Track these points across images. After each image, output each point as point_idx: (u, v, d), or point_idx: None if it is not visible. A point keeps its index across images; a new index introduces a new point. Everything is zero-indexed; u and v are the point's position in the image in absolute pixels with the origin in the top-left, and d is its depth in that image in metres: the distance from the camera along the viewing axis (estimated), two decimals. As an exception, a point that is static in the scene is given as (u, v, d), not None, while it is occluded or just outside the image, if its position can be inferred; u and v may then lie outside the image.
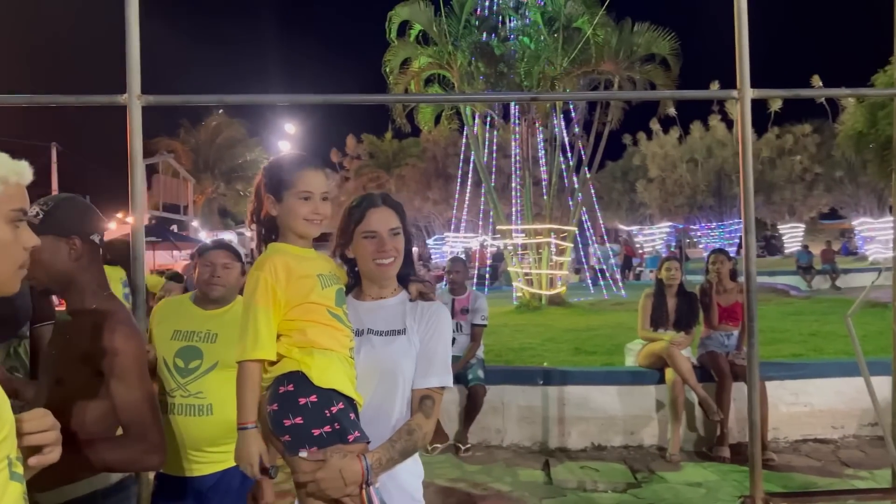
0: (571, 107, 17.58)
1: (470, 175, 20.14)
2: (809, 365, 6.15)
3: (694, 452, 5.51)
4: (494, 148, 20.39)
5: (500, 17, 17.33)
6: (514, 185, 17.97)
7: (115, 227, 20.94)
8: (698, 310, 5.81)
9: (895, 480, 3.07)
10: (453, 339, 5.88)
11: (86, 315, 1.92)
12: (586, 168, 17.44)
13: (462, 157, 21.18)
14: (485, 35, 16.57)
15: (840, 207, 37.39)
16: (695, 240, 38.81)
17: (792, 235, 37.42)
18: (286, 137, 37.48)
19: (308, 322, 1.76)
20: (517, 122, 17.55)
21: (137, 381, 1.86)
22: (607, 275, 19.69)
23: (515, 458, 5.40)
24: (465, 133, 18.66)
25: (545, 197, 17.37)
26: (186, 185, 32.44)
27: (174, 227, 27.28)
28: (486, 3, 17.07)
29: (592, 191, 20.43)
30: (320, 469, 1.70)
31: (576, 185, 17.72)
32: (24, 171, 1.23)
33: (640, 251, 36.05)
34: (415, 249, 2.43)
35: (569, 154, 17.95)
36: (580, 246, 21.54)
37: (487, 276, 21.90)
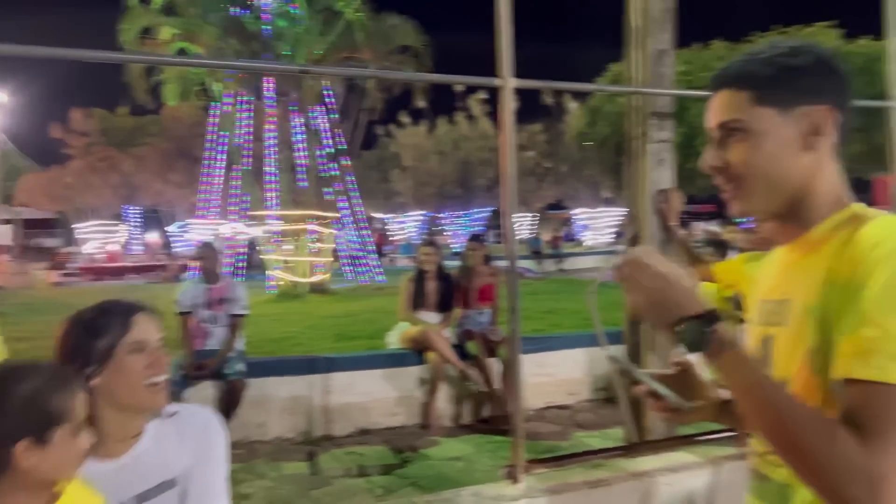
0: (332, 93, 17.42)
1: (218, 157, 18.91)
2: (551, 339, 6.81)
3: (455, 427, 5.78)
4: (246, 130, 19.38)
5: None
6: (268, 169, 17.28)
7: None
8: (455, 292, 6.13)
9: (631, 437, 3.48)
10: (210, 331, 5.49)
11: None
12: (344, 156, 17.44)
13: (209, 137, 19.82)
14: (239, 10, 15.63)
15: (563, 199, 42.06)
16: (441, 227, 40.98)
17: (523, 223, 41.31)
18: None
19: None
20: (274, 104, 16.88)
21: None
22: (364, 261, 19.91)
23: (279, 452, 5.17)
24: (212, 112, 17.46)
25: (300, 183, 16.99)
26: None
27: None
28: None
29: (351, 178, 20.44)
30: None
31: (335, 172, 17.62)
32: None
33: (391, 238, 37.30)
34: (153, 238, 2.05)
35: (328, 141, 17.78)
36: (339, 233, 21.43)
37: (242, 264, 20.86)
